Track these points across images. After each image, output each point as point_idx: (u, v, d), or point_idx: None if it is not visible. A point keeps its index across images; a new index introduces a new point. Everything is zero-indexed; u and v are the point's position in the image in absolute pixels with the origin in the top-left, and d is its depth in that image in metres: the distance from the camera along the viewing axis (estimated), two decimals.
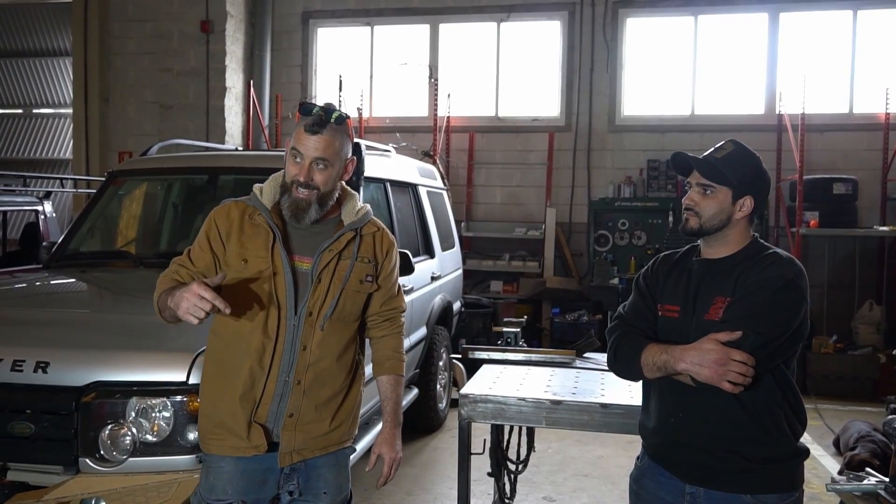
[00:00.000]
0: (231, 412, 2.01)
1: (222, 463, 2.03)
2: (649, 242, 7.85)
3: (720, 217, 1.96)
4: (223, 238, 2.06)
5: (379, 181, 4.52)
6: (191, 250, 2.09)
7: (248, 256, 2.03)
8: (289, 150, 2.03)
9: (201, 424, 2.10)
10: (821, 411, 5.77)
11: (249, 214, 2.07)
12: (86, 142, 9.10)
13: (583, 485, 4.47)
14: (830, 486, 2.73)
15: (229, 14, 8.44)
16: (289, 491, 2.07)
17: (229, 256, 2.04)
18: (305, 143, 2.00)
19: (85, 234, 4.20)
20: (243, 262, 2.02)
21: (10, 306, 3.39)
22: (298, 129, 2.03)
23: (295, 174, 2.01)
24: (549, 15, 8.45)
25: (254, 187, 2.12)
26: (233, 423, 2.01)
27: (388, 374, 2.22)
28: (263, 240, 2.03)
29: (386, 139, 7.53)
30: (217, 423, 2.04)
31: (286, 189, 2.04)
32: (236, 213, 2.08)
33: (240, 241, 2.05)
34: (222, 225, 2.07)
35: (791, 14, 7.97)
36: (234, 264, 2.03)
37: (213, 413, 2.05)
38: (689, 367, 1.85)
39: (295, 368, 2.01)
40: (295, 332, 2.01)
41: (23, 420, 2.48)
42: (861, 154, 7.71)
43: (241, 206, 2.10)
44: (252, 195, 2.10)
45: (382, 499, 4.17)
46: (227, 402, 2.02)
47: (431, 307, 5.15)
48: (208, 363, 2.12)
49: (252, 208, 2.08)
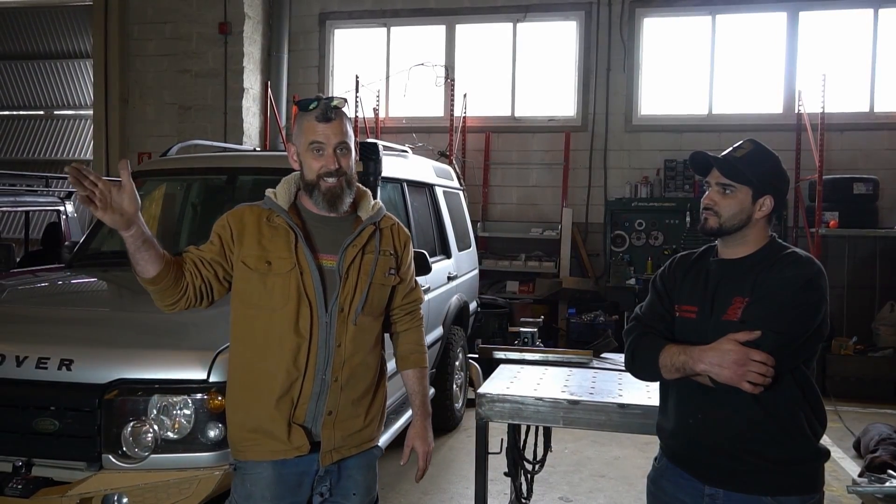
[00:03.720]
0: (269, 416, 1.99)
1: (259, 469, 2.01)
2: (666, 243, 7.81)
3: (740, 216, 1.95)
4: (235, 238, 2.04)
5: (396, 181, 4.54)
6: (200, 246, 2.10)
7: (272, 258, 2.01)
8: (302, 148, 2.03)
9: (232, 433, 2.07)
10: (841, 413, 5.71)
11: (267, 217, 2.06)
12: (106, 143, 9.20)
13: (599, 485, 4.46)
14: (851, 487, 2.70)
15: (247, 16, 8.50)
16: (320, 493, 2.07)
17: (248, 259, 2.02)
18: (325, 133, 2.00)
19: (106, 234, 4.25)
20: (267, 264, 2.00)
21: (34, 305, 3.44)
22: (308, 123, 2.02)
23: (322, 166, 2.01)
24: (566, 15, 8.43)
25: (267, 192, 2.11)
26: (271, 426, 1.99)
27: (414, 367, 2.25)
28: (285, 240, 2.02)
29: (402, 139, 7.55)
30: (252, 428, 2.01)
31: (312, 186, 2.03)
32: (251, 217, 2.07)
33: (260, 244, 2.02)
34: (235, 226, 2.06)
35: (811, 13, 7.90)
36: (256, 267, 2.01)
37: (246, 420, 2.03)
38: (709, 367, 1.84)
39: (332, 366, 2.02)
40: (328, 330, 2.02)
41: (47, 417, 2.52)
42: (882, 153, 7.63)
43: (256, 210, 2.08)
44: (266, 199, 2.09)
45: (399, 498, 4.19)
46: (263, 407, 1.99)
47: (448, 307, 5.16)
48: (236, 370, 2.09)
49: (268, 211, 2.06)
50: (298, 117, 2.05)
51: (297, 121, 2.05)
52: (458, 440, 5.23)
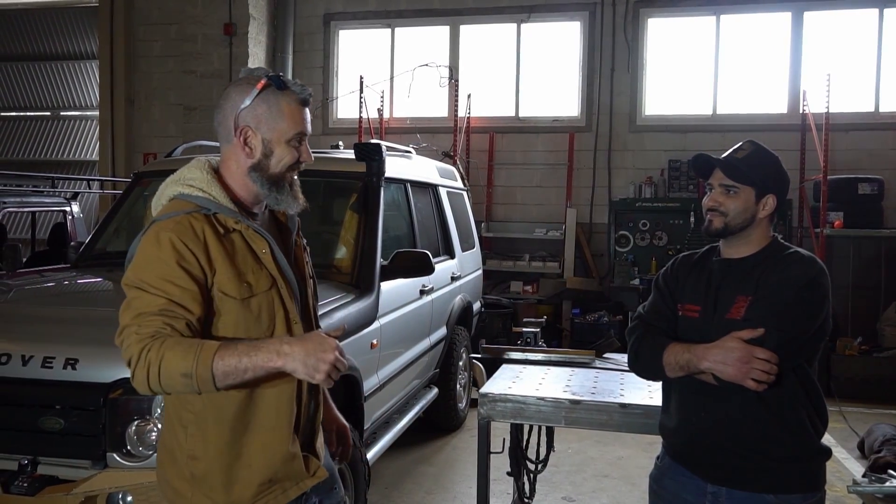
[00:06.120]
0: (283, 458, 1.69)
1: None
2: (670, 243, 7.81)
3: (744, 215, 1.96)
4: (202, 263, 1.61)
5: (399, 182, 4.55)
6: (166, 293, 1.56)
7: (248, 277, 1.66)
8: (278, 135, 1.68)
9: (238, 494, 1.67)
10: (845, 414, 5.70)
11: (223, 225, 1.67)
12: (112, 143, 9.25)
13: (602, 485, 4.46)
14: (852, 487, 2.71)
15: (252, 17, 8.53)
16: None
17: (221, 282, 1.62)
18: (306, 121, 1.72)
19: (111, 234, 4.28)
20: (246, 284, 1.65)
21: (40, 305, 3.46)
22: (290, 106, 1.68)
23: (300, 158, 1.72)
24: (570, 15, 8.43)
25: (184, 190, 1.69)
26: (289, 467, 1.71)
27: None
28: (251, 252, 1.69)
29: (406, 140, 7.56)
30: (264, 481, 1.68)
31: (280, 180, 1.71)
32: (203, 227, 1.64)
33: (228, 261, 1.64)
34: (195, 246, 1.61)
35: (815, 13, 7.88)
36: (235, 291, 1.63)
37: (250, 476, 1.67)
38: (713, 365, 1.85)
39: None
40: None
41: (52, 415, 2.53)
42: (887, 153, 7.60)
43: (200, 217, 1.65)
44: (201, 199, 1.67)
45: (403, 497, 4.20)
46: (276, 453, 1.68)
47: (451, 307, 5.17)
48: (219, 427, 1.65)
49: (216, 217, 1.67)
50: (269, 96, 1.67)
51: (267, 100, 1.67)
52: (462, 440, 5.24)
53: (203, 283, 1.61)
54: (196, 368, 1.50)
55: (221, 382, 1.53)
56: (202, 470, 1.67)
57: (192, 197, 1.68)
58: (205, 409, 1.65)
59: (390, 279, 3.85)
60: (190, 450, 1.68)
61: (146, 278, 1.58)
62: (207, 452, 1.66)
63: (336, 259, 3.84)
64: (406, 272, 3.91)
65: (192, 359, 1.50)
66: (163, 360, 1.51)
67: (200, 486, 1.67)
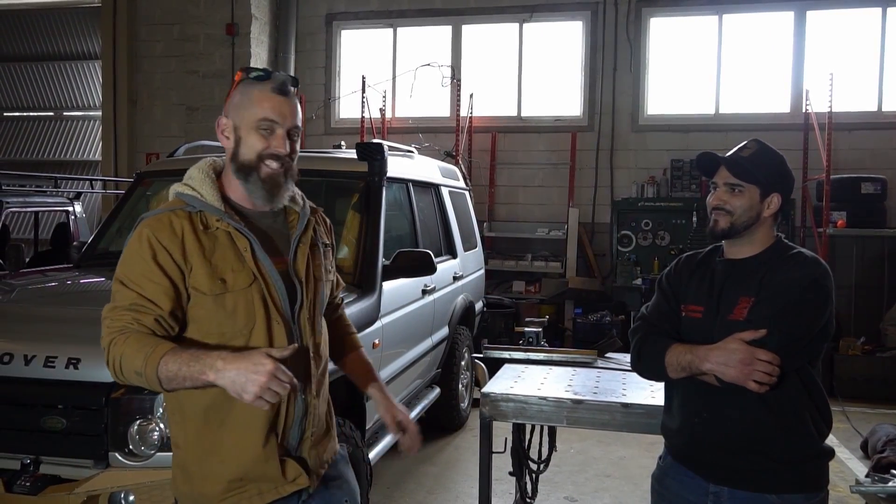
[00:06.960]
0: (254, 457, 1.68)
1: None
2: (673, 243, 7.80)
3: (750, 214, 1.95)
4: (176, 259, 1.63)
5: (401, 181, 4.55)
6: (140, 288, 1.61)
7: (225, 275, 1.65)
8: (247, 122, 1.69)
9: (206, 489, 1.69)
10: (848, 414, 5.69)
11: (203, 223, 1.68)
12: (114, 144, 9.27)
13: (605, 485, 4.46)
14: (855, 487, 2.70)
15: (254, 17, 8.54)
16: None
17: (195, 279, 1.64)
18: (281, 110, 1.68)
19: (114, 234, 4.28)
20: (220, 282, 1.65)
21: (43, 304, 3.47)
22: (261, 93, 1.69)
23: (266, 147, 1.68)
24: (572, 15, 8.43)
25: (177, 189, 1.73)
26: (262, 468, 1.69)
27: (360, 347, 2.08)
28: (232, 249, 1.68)
29: (408, 140, 7.55)
30: (234, 478, 1.68)
31: (250, 169, 1.70)
32: (183, 224, 1.66)
33: (204, 259, 1.65)
34: (170, 242, 1.63)
35: (818, 12, 7.87)
36: (211, 289, 1.64)
37: (223, 470, 1.67)
38: (715, 366, 1.84)
39: (311, 381, 1.77)
40: (300, 343, 1.74)
41: (55, 415, 2.54)
42: (890, 153, 7.59)
43: (183, 215, 1.67)
44: (188, 197, 1.70)
45: (405, 496, 4.20)
46: (246, 451, 1.67)
47: (453, 307, 5.17)
48: (194, 419, 1.68)
49: (201, 214, 1.68)
50: (243, 86, 1.72)
51: (242, 90, 1.71)
52: (464, 440, 5.24)
53: (178, 278, 1.64)
54: (145, 369, 1.55)
55: (167, 385, 1.56)
56: (182, 458, 1.74)
57: (184, 195, 1.72)
58: (183, 400, 1.69)
59: (392, 279, 3.84)
60: (174, 437, 1.76)
61: (126, 273, 1.65)
62: (187, 442, 1.72)
63: (338, 259, 3.83)
64: (408, 272, 3.90)
65: (142, 359, 1.55)
66: (122, 356, 1.58)
67: (183, 474, 1.74)
